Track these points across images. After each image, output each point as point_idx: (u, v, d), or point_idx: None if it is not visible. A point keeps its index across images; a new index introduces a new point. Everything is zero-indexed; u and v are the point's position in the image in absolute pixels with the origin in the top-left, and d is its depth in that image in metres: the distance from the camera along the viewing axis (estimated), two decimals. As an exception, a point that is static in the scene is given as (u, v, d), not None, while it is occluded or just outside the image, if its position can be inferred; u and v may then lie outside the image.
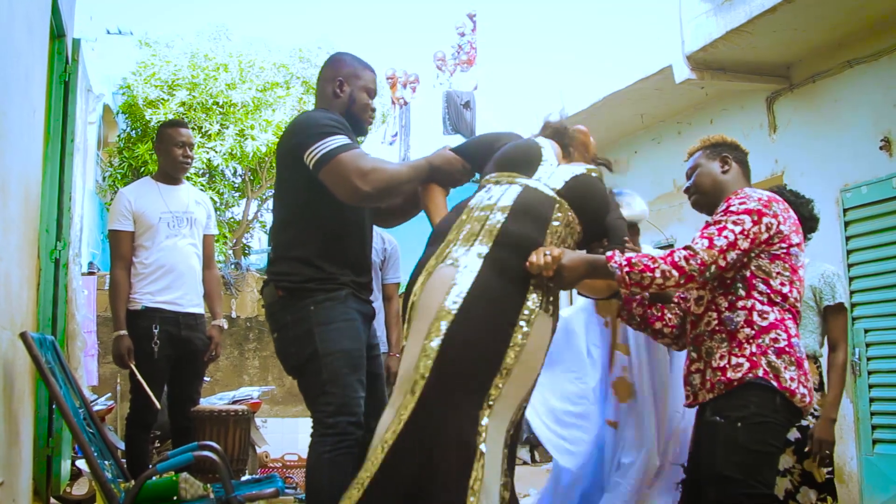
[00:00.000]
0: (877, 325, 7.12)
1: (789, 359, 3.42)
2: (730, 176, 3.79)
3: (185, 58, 12.31)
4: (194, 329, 5.79)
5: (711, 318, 3.57)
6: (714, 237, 3.41)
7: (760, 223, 3.45)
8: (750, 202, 3.49)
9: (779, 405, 3.39)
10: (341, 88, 4.11)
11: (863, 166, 7.31)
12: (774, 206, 3.51)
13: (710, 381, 3.50)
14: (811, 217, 4.80)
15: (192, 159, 5.99)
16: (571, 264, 3.39)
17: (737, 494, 3.33)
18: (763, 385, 3.38)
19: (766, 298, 3.48)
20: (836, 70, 7.66)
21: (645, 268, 3.36)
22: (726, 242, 3.39)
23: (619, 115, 9.95)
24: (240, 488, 4.04)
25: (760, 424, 3.37)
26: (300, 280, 3.87)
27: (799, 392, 3.41)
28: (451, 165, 3.95)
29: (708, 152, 3.86)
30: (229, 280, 11.18)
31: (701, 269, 3.36)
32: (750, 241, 3.44)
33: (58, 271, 5.42)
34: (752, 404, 3.38)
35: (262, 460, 8.41)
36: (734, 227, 3.43)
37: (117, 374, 9.61)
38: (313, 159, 3.77)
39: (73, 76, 5.75)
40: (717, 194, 3.75)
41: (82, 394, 4.43)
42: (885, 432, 7.01)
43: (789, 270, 3.51)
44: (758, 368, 3.39)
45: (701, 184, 3.83)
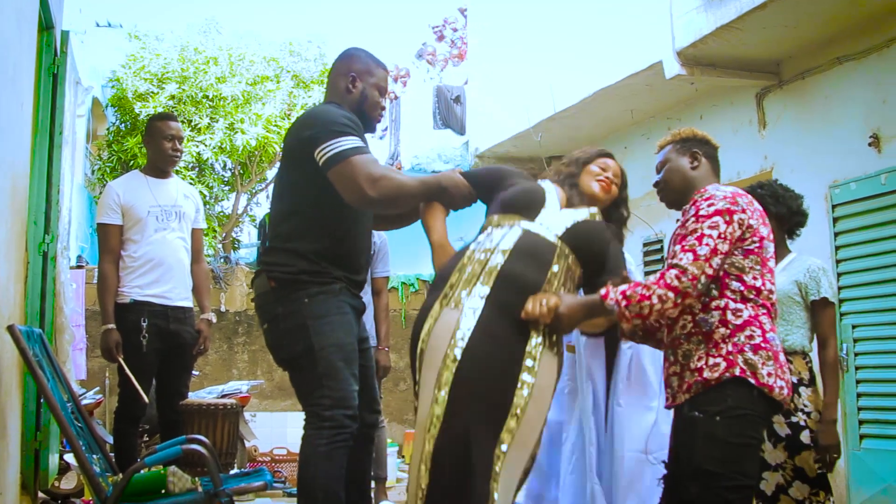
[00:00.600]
0: (865, 320, 7.13)
1: (766, 354, 3.43)
2: (699, 172, 3.77)
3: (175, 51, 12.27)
4: (183, 322, 5.79)
5: (686, 322, 3.56)
6: (696, 248, 3.41)
7: (733, 222, 3.45)
8: (717, 202, 3.49)
9: (756, 398, 3.39)
10: (354, 84, 4.12)
11: (852, 163, 7.32)
12: (741, 202, 3.51)
13: (687, 382, 3.49)
14: (799, 211, 4.79)
15: (181, 153, 5.99)
16: (569, 311, 3.45)
17: (718, 488, 3.33)
18: (740, 381, 3.38)
19: (738, 296, 3.48)
20: (825, 67, 7.66)
21: (641, 297, 3.37)
22: (709, 250, 3.39)
23: (609, 111, 9.95)
24: (228, 482, 4.04)
25: (739, 417, 3.38)
26: (294, 272, 3.87)
27: (776, 386, 3.42)
28: (458, 190, 3.97)
29: (678, 147, 3.83)
30: (218, 274, 11.16)
31: (693, 283, 3.36)
32: (728, 243, 3.44)
33: (46, 264, 5.41)
34: (730, 398, 3.38)
35: (251, 454, 8.41)
36: (711, 231, 3.42)
37: (106, 368, 9.59)
38: (325, 156, 3.77)
39: (62, 68, 5.73)
40: (685, 191, 3.74)
41: (70, 387, 4.43)
42: (872, 427, 7.02)
43: (760, 263, 3.51)
44: (734, 367, 3.39)
45: (670, 180, 3.83)
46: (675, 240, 3.60)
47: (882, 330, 6.99)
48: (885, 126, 7.04)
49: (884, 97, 7.07)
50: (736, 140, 8.73)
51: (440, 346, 3.42)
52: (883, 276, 6.96)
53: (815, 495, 4.40)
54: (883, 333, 6.98)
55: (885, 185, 6.94)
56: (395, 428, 11.17)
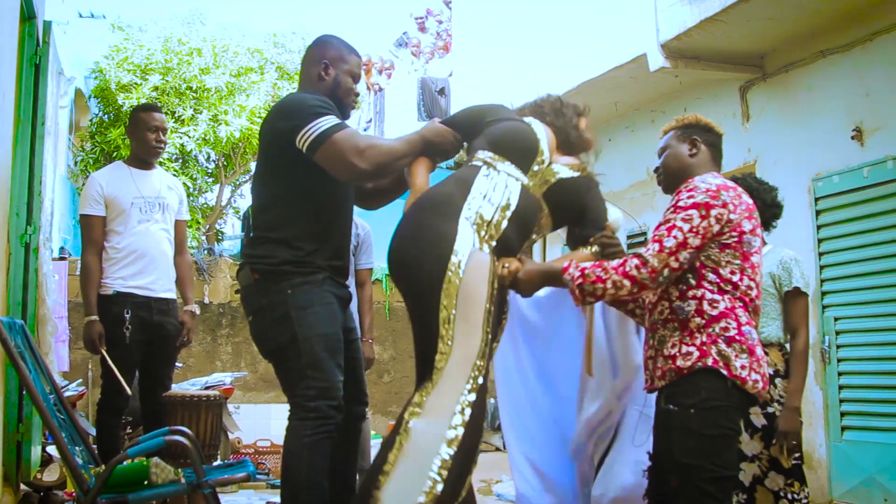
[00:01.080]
0: (847, 313, 7.17)
1: (740, 346, 3.42)
2: (697, 159, 3.76)
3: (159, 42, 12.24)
4: (166, 314, 5.77)
5: (664, 307, 3.56)
6: (663, 239, 3.42)
7: (709, 217, 3.43)
8: (698, 195, 3.47)
9: (730, 389, 3.39)
10: (326, 71, 4.11)
11: (835, 156, 7.35)
12: (724, 196, 3.48)
13: (661, 368, 3.51)
14: (773, 204, 4.79)
15: (165, 144, 5.97)
16: (528, 277, 3.60)
17: (697, 480, 3.33)
18: (713, 372, 3.38)
19: (715, 287, 3.47)
20: (809, 60, 7.69)
21: (597, 279, 3.43)
22: (675, 243, 3.40)
23: (594, 103, 9.84)
24: (211, 473, 4.04)
25: (713, 409, 3.37)
26: (277, 263, 3.86)
27: (750, 379, 3.41)
28: (443, 138, 3.98)
29: (679, 133, 3.84)
30: (202, 266, 11.14)
31: (652, 276, 3.40)
32: (701, 238, 3.42)
33: (28, 256, 5.39)
34: (703, 390, 3.38)
35: (235, 446, 8.40)
36: (683, 224, 3.42)
37: (89, 359, 9.56)
38: (307, 141, 3.76)
39: (44, 59, 5.70)
40: (683, 177, 3.71)
41: (53, 379, 4.41)
42: (853, 419, 7.07)
43: (740, 258, 3.49)
44: (707, 357, 3.39)
45: (668, 166, 3.83)
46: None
47: (864, 322, 7.03)
48: (868, 119, 7.07)
49: (867, 90, 7.10)
50: (720, 133, 8.74)
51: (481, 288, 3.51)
52: (865, 268, 7.00)
53: (790, 486, 4.43)
54: (865, 326, 7.02)
55: (867, 179, 6.98)
56: (378, 420, 11.17)
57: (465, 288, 3.47)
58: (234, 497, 7.49)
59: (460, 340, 3.46)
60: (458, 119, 4.06)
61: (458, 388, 3.42)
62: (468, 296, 3.47)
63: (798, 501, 4.42)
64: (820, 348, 7.30)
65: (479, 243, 3.54)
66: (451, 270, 3.46)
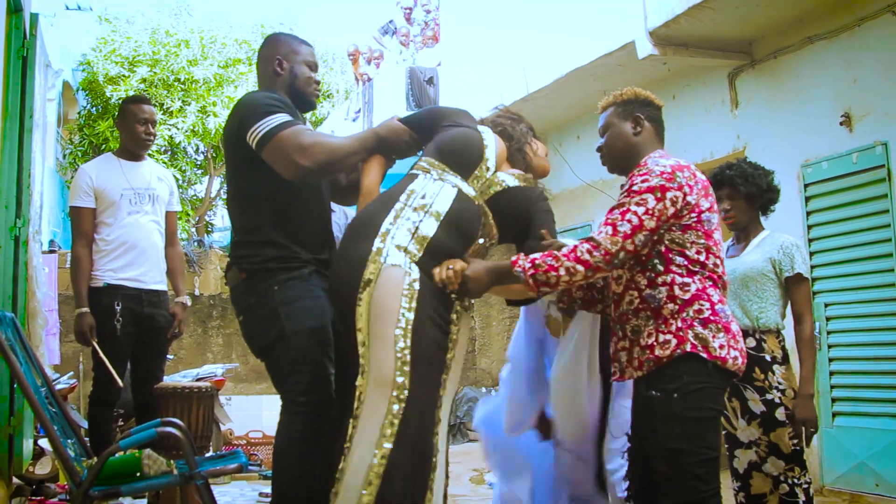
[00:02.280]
0: (837, 298, 7.19)
1: (716, 326, 3.40)
2: (642, 137, 3.69)
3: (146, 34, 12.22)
4: (157, 306, 5.77)
5: (633, 297, 3.52)
6: (617, 223, 3.36)
7: (664, 199, 3.38)
8: (652, 178, 3.41)
9: (711, 370, 3.38)
10: (281, 66, 4.12)
11: (823, 142, 7.36)
12: (679, 177, 3.43)
13: (638, 359, 3.48)
14: (769, 188, 4.76)
15: (154, 136, 5.96)
16: (475, 275, 3.50)
17: (686, 464, 3.32)
18: (693, 356, 3.37)
19: (684, 270, 3.44)
20: (797, 46, 7.70)
21: (549, 268, 3.35)
22: (630, 226, 3.34)
23: (582, 91, 9.96)
24: (203, 464, 4.04)
25: (696, 391, 3.36)
26: (262, 260, 3.87)
27: (730, 357, 3.40)
28: (399, 136, 3.94)
29: (620, 111, 3.76)
30: (192, 257, 11.13)
31: (606, 258, 3.33)
32: (656, 220, 3.37)
33: (17, 249, 5.37)
34: (685, 374, 3.36)
35: (227, 438, 8.41)
36: (637, 208, 3.36)
37: (80, 352, 9.55)
38: (255, 139, 3.77)
39: (32, 51, 5.68)
40: (628, 157, 3.68)
41: (44, 372, 4.40)
42: (844, 405, 7.09)
43: (703, 237, 3.46)
44: (685, 343, 3.37)
45: (612, 146, 3.75)
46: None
47: (854, 308, 7.05)
48: (857, 105, 7.08)
49: (855, 76, 7.11)
50: (708, 120, 8.76)
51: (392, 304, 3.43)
52: (855, 254, 7.02)
53: (791, 471, 4.42)
54: (855, 311, 7.05)
55: (856, 164, 6.99)
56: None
57: (374, 307, 3.43)
58: (227, 488, 7.50)
59: (374, 364, 3.42)
60: (417, 119, 4.01)
61: (380, 414, 3.37)
62: (378, 315, 3.43)
63: (798, 486, 4.42)
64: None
65: (397, 257, 3.48)
66: (361, 295, 3.44)
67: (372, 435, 3.35)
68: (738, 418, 4.50)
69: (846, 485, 6.99)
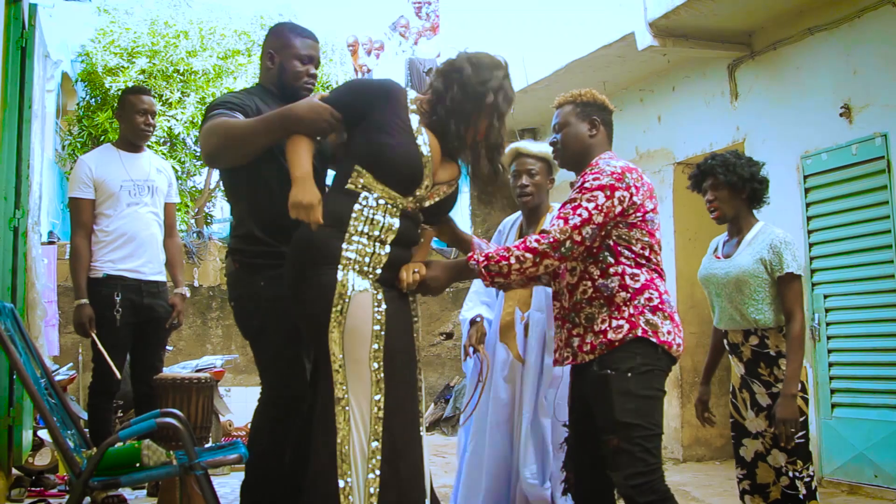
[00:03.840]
0: (836, 290, 7.19)
1: (663, 314, 3.68)
2: (596, 140, 3.92)
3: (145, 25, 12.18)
4: (157, 297, 5.78)
5: (587, 287, 3.74)
6: (569, 216, 3.59)
7: (613, 198, 3.62)
8: (603, 177, 3.65)
9: (660, 354, 3.66)
10: (272, 60, 4.14)
11: (823, 133, 7.35)
12: (627, 178, 3.67)
13: (591, 343, 3.70)
14: (753, 178, 4.65)
15: (153, 127, 5.96)
16: (433, 275, 3.68)
17: (636, 438, 3.56)
18: (643, 340, 3.63)
19: (633, 262, 3.71)
20: (797, 37, 7.68)
21: (500, 258, 3.57)
22: (580, 219, 3.57)
23: (582, 83, 9.85)
24: (203, 455, 4.04)
25: (647, 373, 3.63)
26: (251, 255, 3.95)
27: (675, 343, 3.70)
28: (318, 115, 3.67)
29: (578, 111, 3.95)
30: (191, 249, 11.13)
31: (554, 244, 3.55)
32: (604, 216, 3.61)
33: (16, 240, 5.38)
34: (638, 356, 3.62)
35: (226, 429, 8.41)
36: (588, 203, 3.60)
37: (79, 344, 9.55)
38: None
39: (30, 42, 5.67)
40: (581, 156, 3.90)
41: (43, 363, 4.41)
42: (843, 396, 7.09)
43: (647, 235, 3.73)
44: (637, 328, 3.62)
45: (567, 144, 3.95)
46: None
47: (853, 300, 7.05)
48: (856, 96, 7.07)
49: (854, 68, 7.10)
50: (708, 111, 8.75)
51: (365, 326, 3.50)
52: (854, 245, 7.01)
53: (793, 463, 4.42)
54: (854, 303, 7.05)
55: (856, 156, 6.99)
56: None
57: (349, 333, 3.47)
58: (226, 479, 7.49)
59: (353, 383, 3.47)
60: (341, 99, 3.76)
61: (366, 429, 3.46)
62: (352, 340, 3.47)
63: (800, 479, 4.42)
64: (809, 326, 7.32)
65: (362, 283, 3.51)
66: (335, 321, 3.47)
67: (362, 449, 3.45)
68: (747, 409, 4.56)
69: (845, 476, 7.00)
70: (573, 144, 3.93)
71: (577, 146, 3.92)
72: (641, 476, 3.54)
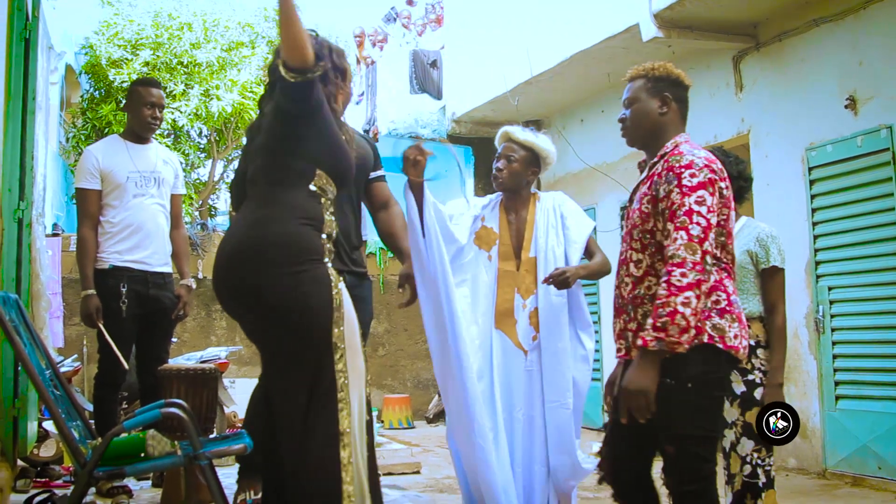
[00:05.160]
0: (840, 282, 7.19)
1: (731, 317, 3.42)
2: (667, 118, 3.67)
3: (149, 17, 12.15)
4: (163, 288, 5.78)
5: (651, 283, 3.51)
6: (688, 227, 3.31)
7: (716, 192, 3.39)
8: (699, 173, 3.39)
9: (723, 361, 3.42)
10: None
11: (828, 125, 7.35)
12: (717, 168, 3.44)
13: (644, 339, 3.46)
14: (740, 176, 4.71)
15: (160, 120, 5.96)
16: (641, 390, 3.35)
17: (692, 447, 3.37)
18: (709, 347, 3.37)
19: None
20: (802, 29, 7.67)
21: (669, 317, 3.23)
22: (701, 228, 3.30)
23: (587, 74, 9.94)
24: (207, 445, 4.04)
25: (709, 381, 3.39)
26: None
27: (741, 346, 3.43)
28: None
29: (650, 87, 3.71)
30: (196, 241, 11.13)
31: (699, 269, 3.27)
32: (716, 215, 3.38)
33: (21, 231, 5.37)
34: (701, 364, 3.36)
35: (231, 420, 8.41)
36: (699, 207, 3.33)
37: (83, 335, 9.56)
38: None
39: (34, 33, 5.66)
40: (651, 135, 3.67)
41: (48, 354, 4.41)
42: (847, 388, 7.10)
43: (725, 234, 3.48)
44: (703, 334, 3.36)
45: (637, 122, 3.72)
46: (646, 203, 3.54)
47: (858, 291, 7.05)
48: (862, 88, 7.06)
49: (860, 59, 7.09)
50: (713, 103, 8.74)
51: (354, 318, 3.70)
52: (859, 237, 7.01)
53: (758, 451, 4.47)
54: (859, 295, 7.04)
55: (861, 148, 6.98)
56: (373, 393, 11.20)
57: (347, 324, 3.60)
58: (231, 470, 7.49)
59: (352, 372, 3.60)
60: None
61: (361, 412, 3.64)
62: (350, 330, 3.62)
63: (761, 467, 4.47)
64: (814, 318, 7.32)
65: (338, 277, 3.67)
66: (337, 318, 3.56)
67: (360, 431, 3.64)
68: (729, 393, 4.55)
69: (849, 467, 7.00)
70: (642, 122, 3.69)
71: (646, 124, 3.68)
72: (694, 483, 3.39)
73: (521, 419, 4.78)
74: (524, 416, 4.78)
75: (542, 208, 5.00)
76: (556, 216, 4.99)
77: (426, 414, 11.51)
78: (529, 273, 4.88)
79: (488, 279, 4.93)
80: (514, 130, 5.04)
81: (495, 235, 4.97)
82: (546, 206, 5.01)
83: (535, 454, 4.75)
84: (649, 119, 3.67)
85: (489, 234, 4.98)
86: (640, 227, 3.53)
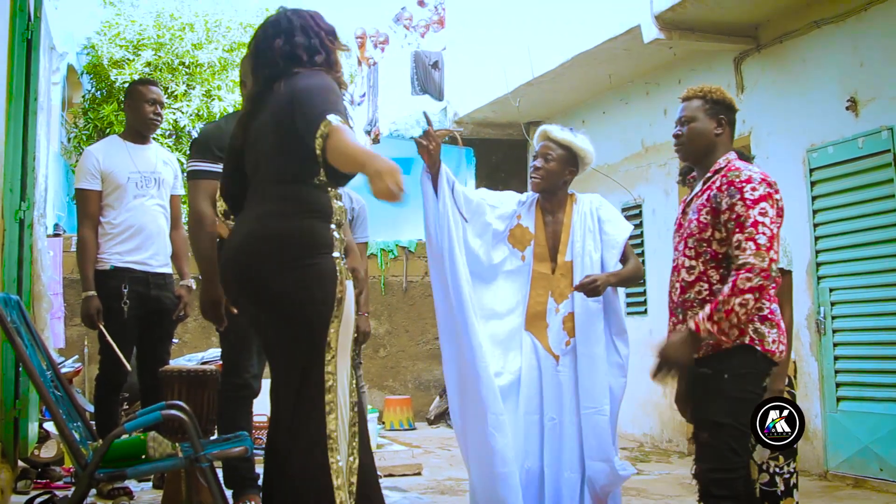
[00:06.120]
0: (841, 283, 7.18)
1: (771, 323, 3.73)
2: (721, 139, 3.91)
3: (151, 17, 12.18)
4: (163, 289, 5.78)
5: (702, 288, 3.78)
6: (755, 237, 3.58)
7: (776, 204, 3.67)
8: (759, 187, 3.65)
9: (759, 360, 3.70)
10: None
11: (829, 126, 7.34)
12: (772, 182, 3.70)
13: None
14: None
15: (161, 118, 5.97)
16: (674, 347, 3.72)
17: (725, 436, 3.64)
18: (748, 347, 3.67)
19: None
20: (803, 30, 7.67)
21: (726, 313, 3.54)
22: (767, 238, 3.58)
23: (588, 75, 9.93)
24: (208, 447, 4.04)
25: (744, 375, 3.68)
26: None
27: (778, 350, 3.74)
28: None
29: (708, 108, 3.93)
30: (196, 241, 11.13)
31: (765, 276, 3.54)
32: (777, 226, 3.65)
33: (22, 232, 5.37)
34: (737, 359, 3.67)
35: (231, 421, 8.40)
36: (763, 218, 3.60)
37: (84, 336, 9.56)
38: None
39: (36, 34, 5.66)
40: (705, 154, 3.92)
41: (49, 355, 4.41)
42: (849, 390, 7.09)
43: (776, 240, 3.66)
44: (745, 336, 3.67)
45: (693, 140, 3.94)
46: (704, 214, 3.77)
47: (859, 293, 7.05)
48: (863, 90, 7.06)
49: (861, 60, 7.09)
50: (714, 104, 8.72)
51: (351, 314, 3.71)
52: (860, 239, 7.01)
53: (774, 459, 4.47)
54: (860, 297, 7.04)
55: (862, 149, 6.98)
56: (374, 394, 11.21)
57: (344, 323, 3.60)
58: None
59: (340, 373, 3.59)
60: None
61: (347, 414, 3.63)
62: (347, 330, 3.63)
63: (780, 475, 4.46)
64: (815, 319, 7.32)
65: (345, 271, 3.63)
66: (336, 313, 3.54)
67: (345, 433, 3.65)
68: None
69: (850, 469, 7.00)
70: (699, 140, 3.93)
71: (702, 142, 3.92)
72: (722, 472, 3.64)
73: (549, 425, 4.67)
74: (551, 422, 4.67)
75: (579, 211, 4.94)
76: (594, 219, 4.92)
77: (427, 415, 11.51)
78: (565, 277, 4.80)
79: (521, 279, 4.89)
80: (552, 129, 4.99)
81: (531, 236, 4.91)
82: (583, 209, 4.94)
83: (565, 460, 4.63)
84: (705, 138, 3.93)
85: (524, 233, 4.92)
86: (697, 236, 3.80)
